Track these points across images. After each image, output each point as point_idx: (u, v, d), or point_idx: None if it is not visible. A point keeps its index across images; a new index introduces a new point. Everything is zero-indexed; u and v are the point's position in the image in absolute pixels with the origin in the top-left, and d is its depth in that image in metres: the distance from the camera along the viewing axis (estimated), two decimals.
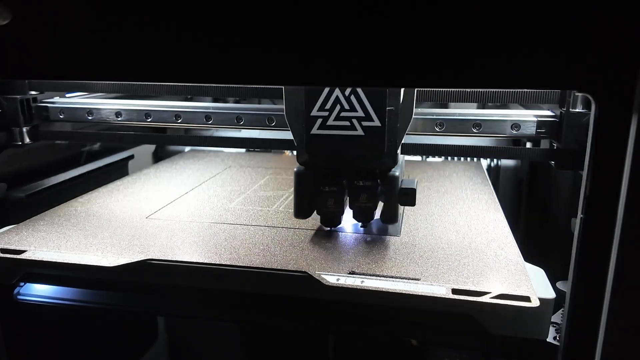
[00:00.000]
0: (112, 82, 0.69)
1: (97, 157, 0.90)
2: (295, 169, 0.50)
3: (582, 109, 0.53)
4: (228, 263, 0.45)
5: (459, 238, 0.51)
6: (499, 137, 0.59)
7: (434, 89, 0.53)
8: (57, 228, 0.54)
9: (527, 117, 0.57)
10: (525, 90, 0.54)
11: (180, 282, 0.46)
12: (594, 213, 0.35)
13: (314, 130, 0.48)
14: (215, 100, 0.98)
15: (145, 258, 0.46)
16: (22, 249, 0.49)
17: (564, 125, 0.54)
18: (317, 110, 0.47)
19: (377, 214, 0.53)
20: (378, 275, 0.43)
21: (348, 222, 0.55)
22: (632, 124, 0.32)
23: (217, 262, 0.45)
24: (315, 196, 0.51)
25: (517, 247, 0.49)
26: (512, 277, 0.43)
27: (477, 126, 0.58)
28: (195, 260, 0.45)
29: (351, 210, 0.52)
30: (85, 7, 0.37)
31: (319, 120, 0.47)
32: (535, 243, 0.82)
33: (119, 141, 0.89)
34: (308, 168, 0.50)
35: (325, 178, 0.50)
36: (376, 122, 0.47)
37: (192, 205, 0.62)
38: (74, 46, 0.39)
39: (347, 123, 0.47)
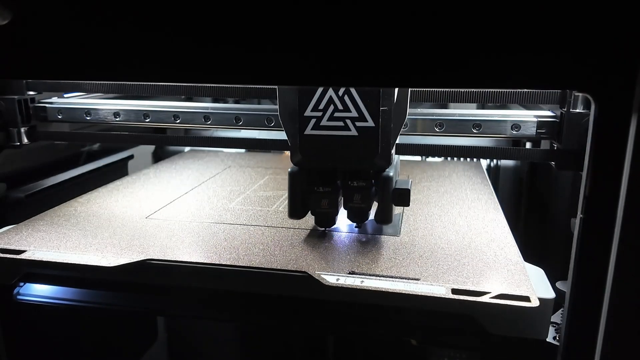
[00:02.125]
0: (111, 83, 0.69)
1: (97, 157, 0.90)
2: (289, 170, 0.50)
3: (583, 109, 0.52)
4: (228, 263, 0.45)
5: (459, 238, 0.51)
6: (499, 137, 0.59)
7: (433, 89, 0.53)
8: (57, 228, 0.54)
9: (527, 117, 0.57)
10: (526, 90, 0.54)
11: (180, 282, 0.46)
12: (593, 213, 0.35)
13: (308, 131, 0.47)
14: (214, 101, 0.99)
15: (145, 258, 0.46)
16: (22, 249, 0.49)
17: (565, 126, 0.53)
18: (311, 111, 0.47)
19: (372, 215, 0.53)
20: (378, 275, 0.43)
21: (343, 222, 0.55)
22: (631, 124, 0.32)
23: (217, 262, 0.45)
24: (310, 196, 0.51)
25: (516, 247, 0.49)
26: (511, 277, 0.43)
27: (477, 127, 0.58)
28: (195, 260, 0.45)
29: (345, 211, 0.52)
30: (84, 7, 0.37)
31: (313, 121, 0.47)
32: (535, 243, 0.82)
33: (117, 142, 0.88)
34: (302, 168, 0.50)
35: (319, 178, 0.50)
36: (370, 123, 0.46)
37: (192, 205, 0.62)
38: (73, 46, 0.39)
39: (341, 123, 0.47)
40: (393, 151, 0.49)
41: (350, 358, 0.61)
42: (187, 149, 0.98)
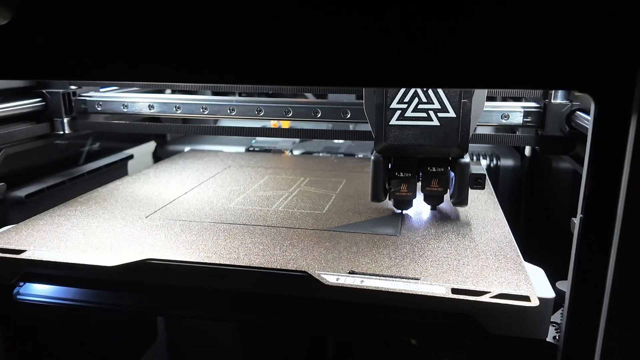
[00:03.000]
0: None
1: (97, 157, 0.90)
2: (372, 157, 0.55)
3: (563, 100, 0.61)
4: (228, 263, 0.45)
5: (459, 238, 0.51)
6: (491, 125, 0.67)
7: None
8: (57, 228, 0.54)
9: (515, 108, 0.65)
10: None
11: (180, 282, 0.46)
12: (593, 213, 0.35)
13: (393, 121, 0.52)
14: (213, 94, 1.01)
15: (145, 258, 0.46)
16: (22, 248, 0.49)
17: (547, 115, 0.62)
18: (397, 103, 0.51)
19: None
20: (378, 275, 0.43)
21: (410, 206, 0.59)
22: (631, 123, 0.32)
23: (217, 262, 0.45)
24: (391, 181, 0.56)
25: (516, 246, 0.49)
26: (511, 276, 0.43)
27: None
28: (195, 260, 0.45)
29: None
30: (86, 7, 0.37)
31: (398, 112, 0.51)
32: (534, 243, 0.82)
33: (150, 131, 0.94)
34: (385, 156, 0.55)
35: (399, 165, 0.55)
36: (451, 114, 0.51)
37: (192, 205, 0.62)
38: (74, 46, 0.39)
39: (424, 114, 0.51)
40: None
41: (350, 358, 0.61)
42: (187, 148, 0.98)
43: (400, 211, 0.59)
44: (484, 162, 0.88)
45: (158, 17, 0.37)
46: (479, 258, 0.46)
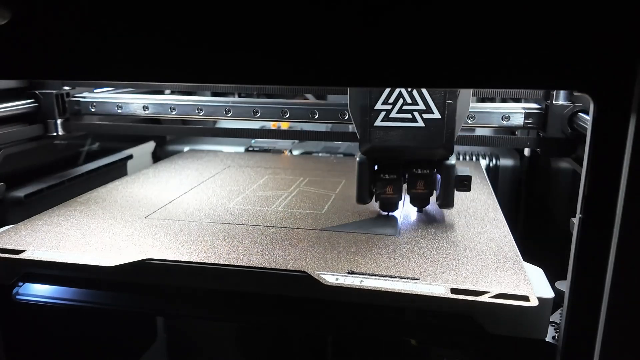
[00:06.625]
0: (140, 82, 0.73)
1: (96, 157, 0.90)
2: (357, 158, 0.55)
3: (565, 101, 0.61)
4: (227, 263, 0.45)
5: (458, 238, 0.51)
6: (491, 127, 0.66)
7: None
8: (56, 228, 0.54)
9: (516, 109, 0.64)
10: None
11: (179, 282, 0.46)
12: (592, 213, 0.35)
13: (377, 123, 0.51)
14: (213, 94, 1.01)
15: (144, 258, 0.46)
16: (21, 248, 0.49)
17: (549, 117, 0.62)
18: (381, 104, 0.51)
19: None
20: (377, 275, 0.43)
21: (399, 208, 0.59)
22: (630, 123, 0.32)
23: (216, 262, 0.45)
24: (376, 183, 0.55)
25: (515, 246, 0.49)
26: (510, 276, 0.43)
27: (471, 117, 0.64)
28: (194, 260, 0.45)
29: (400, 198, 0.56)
30: (86, 7, 0.37)
31: (382, 113, 0.51)
32: (533, 242, 0.82)
33: (146, 132, 0.95)
34: (370, 157, 0.54)
35: (385, 166, 0.55)
36: (436, 115, 0.50)
37: (191, 205, 0.62)
38: (75, 46, 0.39)
39: (409, 115, 0.51)
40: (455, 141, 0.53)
41: (350, 358, 0.61)
42: (186, 148, 0.98)
43: (386, 213, 0.58)
44: (484, 162, 0.88)
45: (160, 17, 0.37)
46: (478, 258, 0.46)
